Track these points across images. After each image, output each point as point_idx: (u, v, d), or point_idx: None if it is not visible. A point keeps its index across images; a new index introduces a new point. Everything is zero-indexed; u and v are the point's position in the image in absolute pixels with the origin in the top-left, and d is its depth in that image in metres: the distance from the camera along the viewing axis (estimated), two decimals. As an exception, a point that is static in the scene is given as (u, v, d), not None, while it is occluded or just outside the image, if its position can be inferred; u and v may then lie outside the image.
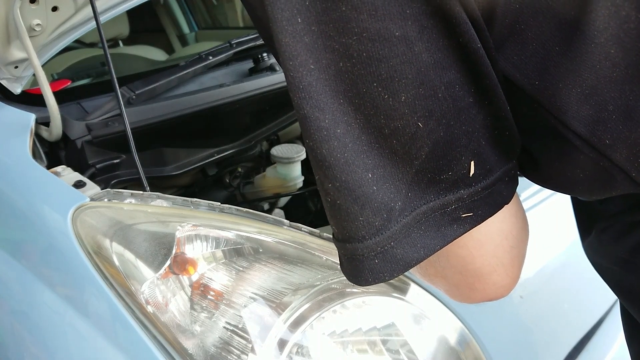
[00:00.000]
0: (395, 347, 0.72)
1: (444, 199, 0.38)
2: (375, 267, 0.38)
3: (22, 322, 0.85)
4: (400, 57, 0.34)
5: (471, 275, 0.42)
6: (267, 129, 1.28)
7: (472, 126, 0.37)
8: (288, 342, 0.66)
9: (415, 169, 0.37)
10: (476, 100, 0.37)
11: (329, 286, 0.72)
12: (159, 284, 0.72)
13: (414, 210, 0.37)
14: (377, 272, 0.38)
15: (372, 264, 0.38)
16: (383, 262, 0.38)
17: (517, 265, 0.44)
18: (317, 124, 0.35)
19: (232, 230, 0.78)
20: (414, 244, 0.38)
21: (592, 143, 0.37)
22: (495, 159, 0.39)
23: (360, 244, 0.37)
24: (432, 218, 0.38)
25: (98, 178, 1.02)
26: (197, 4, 2.83)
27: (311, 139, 0.35)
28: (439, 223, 0.38)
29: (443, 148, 0.36)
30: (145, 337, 0.69)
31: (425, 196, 0.38)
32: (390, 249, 0.38)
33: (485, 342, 0.76)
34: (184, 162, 1.13)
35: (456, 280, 0.44)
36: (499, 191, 0.40)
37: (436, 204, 0.38)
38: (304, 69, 0.34)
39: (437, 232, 0.38)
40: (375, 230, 0.37)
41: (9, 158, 0.96)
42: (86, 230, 0.77)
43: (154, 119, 1.12)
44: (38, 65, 0.98)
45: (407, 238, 0.38)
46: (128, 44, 2.33)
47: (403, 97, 0.34)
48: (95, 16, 0.97)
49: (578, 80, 0.36)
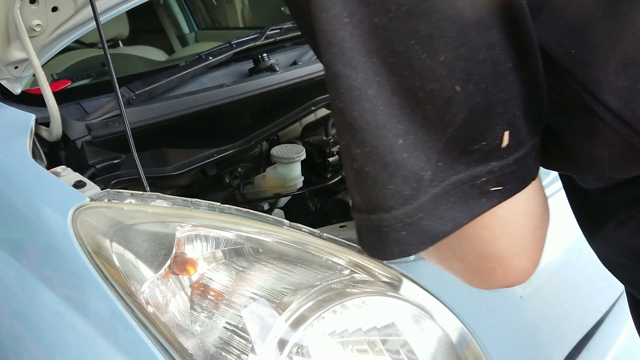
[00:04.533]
0: (395, 347, 0.72)
1: (474, 171, 0.36)
2: (402, 239, 0.36)
3: (22, 322, 0.85)
4: (442, 13, 0.31)
5: (493, 258, 0.40)
6: (267, 129, 1.28)
7: (509, 93, 0.35)
8: (288, 342, 0.66)
9: (448, 137, 0.34)
10: (515, 65, 0.35)
11: (329, 286, 0.72)
12: (159, 284, 0.72)
13: (444, 181, 0.35)
14: (403, 244, 0.36)
15: (398, 235, 0.36)
16: (410, 235, 0.36)
17: (539, 248, 0.42)
18: (348, 84, 0.33)
19: (232, 231, 0.78)
20: (442, 217, 0.36)
21: (624, 117, 0.35)
22: (526, 130, 0.37)
23: (388, 214, 0.35)
24: (461, 190, 0.36)
25: (98, 178, 1.02)
26: (197, 4, 2.83)
27: (341, 100, 0.33)
28: (467, 196, 0.36)
29: (479, 115, 0.34)
30: (145, 337, 0.69)
31: (455, 166, 0.36)
32: (419, 220, 0.35)
33: (485, 342, 0.76)
34: (184, 162, 1.13)
35: (476, 264, 0.41)
36: (527, 165, 0.38)
37: (466, 176, 0.36)
38: (337, 22, 0.32)
39: (465, 205, 0.36)
40: (404, 200, 0.35)
41: (9, 158, 0.96)
42: (86, 230, 0.77)
43: (154, 119, 1.11)
44: (38, 66, 0.98)
45: (435, 210, 0.36)
46: (128, 44, 2.34)
47: (442, 57, 0.32)
48: (95, 16, 0.97)
49: (619, 48, 0.33)
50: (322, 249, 0.79)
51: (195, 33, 2.77)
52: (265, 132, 1.28)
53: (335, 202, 1.19)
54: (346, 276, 0.76)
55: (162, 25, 2.71)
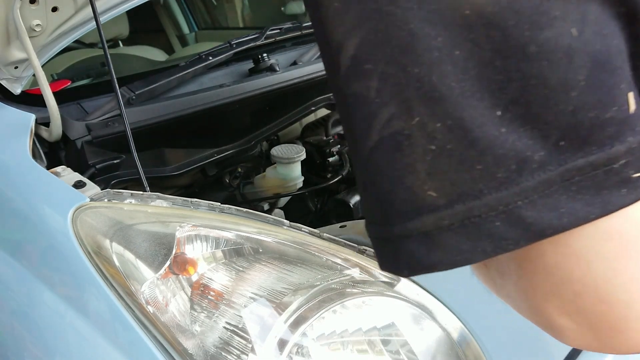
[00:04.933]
0: (395, 347, 0.72)
1: (610, 151, 0.27)
2: (496, 231, 0.28)
3: (22, 322, 0.85)
4: None
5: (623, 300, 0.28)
6: (267, 129, 1.28)
7: (620, 42, 0.28)
8: (288, 342, 0.66)
9: (574, 105, 0.27)
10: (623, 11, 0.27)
11: (329, 286, 0.72)
12: (159, 284, 0.72)
13: (564, 165, 0.27)
14: (498, 238, 0.28)
15: (491, 227, 0.28)
16: (506, 226, 0.28)
17: None
18: (426, 43, 0.27)
19: (232, 231, 0.78)
20: (555, 207, 0.28)
21: None
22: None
23: (477, 201, 0.28)
24: (592, 177, 0.27)
25: (98, 178, 1.02)
26: (197, 4, 2.83)
27: (417, 64, 0.27)
28: (600, 184, 0.27)
29: (602, 69, 0.27)
30: (145, 337, 0.69)
31: (585, 146, 0.27)
32: (517, 209, 0.28)
33: (485, 342, 0.76)
34: (184, 162, 1.13)
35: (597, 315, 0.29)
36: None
37: (600, 158, 0.27)
38: None
39: (595, 196, 0.27)
40: (497, 183, 0.28)
41: (9, 158, 0.96)
42: (86, 230, 0.77)
43: (154, 119, 1.12)
44: (38, 66, 0.99)
45: (544, 199, 0.28)
46: (128, 44, 2.34)
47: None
48: (95, 16, 0.97)
49: None
50: (322, 249, 0.79)
51: (195, 33, 2.78)
52: (265, 132, 1.28)
53: (335, 202, 1.19)
54: (346, 276, 0.76)
55: (162, 25, 2.72)
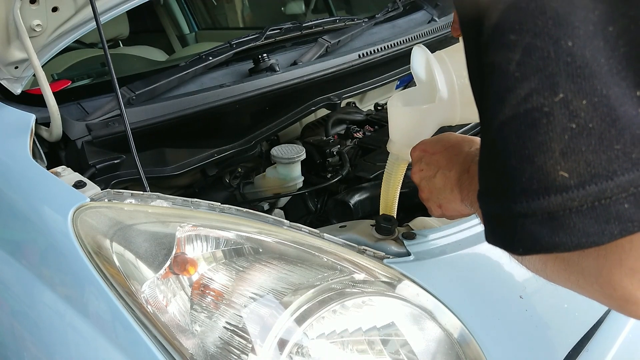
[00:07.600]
0: (395, 347, 0.72)
1: None
2: (624, 213, 0.28)
3: (22, 322, 0.85)
4: None
5: None
6: (267, 129, 1.28)
7: None
8: (288, 342, 0.66)
9: None
10: None
11: (329, 286, 0.72)
12: (159, 284, 0.72)
13: None
14: (625, 220, 0.28)
15: (620, 209, 0.28)
16: (634, 207, 0.28)
17: None
18: (583, 15, 0.26)
19: (232, 231, 0.78)
20: None
21: None
22: None
23: (610, 182, 0.28)
24: None
25: (98, 178, 1.02)
26: (197, 4, 2.84)
27: (572, 36, 0.26)
28: None
29: None
30: (145, 337, 0.69)
31: None
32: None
33: (485, 342, 0.76)
34: (184, 162, 1.13)
35: None
36: None
37: None
38: None
39: None
40: (631, 164, 0.28)
41: (9, 158, 0.96)
42: (86, 230, 0.77)
43: (154, 119, 1.11)
44: (38, 66, 0.98)
45: None
46: (128, 44, 2.34)
47: None
48: (95, 16, 0.97)
49: None
50: (322, 249, 0.79)
51: (195, 33, 2.78)
52: (265, 132, 1.28)
53: (335, 202, 1.19)
54: (346, 276, 0.76)
55: (162, 25, 2.72)
